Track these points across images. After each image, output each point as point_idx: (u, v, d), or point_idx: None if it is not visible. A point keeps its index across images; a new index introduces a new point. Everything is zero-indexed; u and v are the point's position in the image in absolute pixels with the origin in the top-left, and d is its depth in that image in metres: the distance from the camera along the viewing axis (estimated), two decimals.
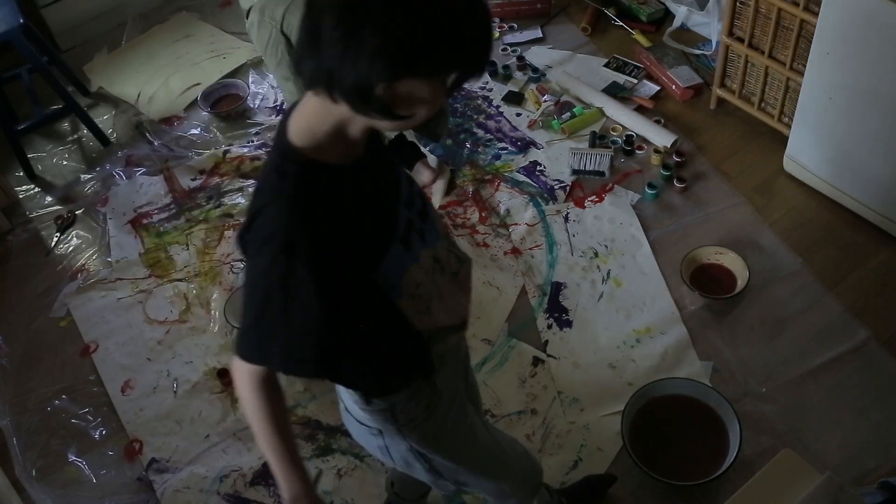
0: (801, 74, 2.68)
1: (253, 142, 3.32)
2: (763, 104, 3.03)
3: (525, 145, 3.17)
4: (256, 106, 3.48)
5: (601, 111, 3.23)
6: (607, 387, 2.46)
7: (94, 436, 2.54)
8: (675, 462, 2.24)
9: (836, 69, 2.51)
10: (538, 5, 3.68)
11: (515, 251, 2.83)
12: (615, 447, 2.32)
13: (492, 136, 3.22)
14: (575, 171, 3.03)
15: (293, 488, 1.41)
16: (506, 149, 3.16)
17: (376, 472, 2.34)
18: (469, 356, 1.81)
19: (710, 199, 2.92)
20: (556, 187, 3.01)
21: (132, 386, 2.63)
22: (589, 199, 2.96)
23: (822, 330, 2.53)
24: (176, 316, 2.79)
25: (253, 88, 3.55)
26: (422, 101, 1.14)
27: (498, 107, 3.32)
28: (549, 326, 2.62)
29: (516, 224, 2.91)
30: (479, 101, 3.35)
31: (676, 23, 3.55)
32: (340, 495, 2.32)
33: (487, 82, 3.43)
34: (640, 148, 3.10)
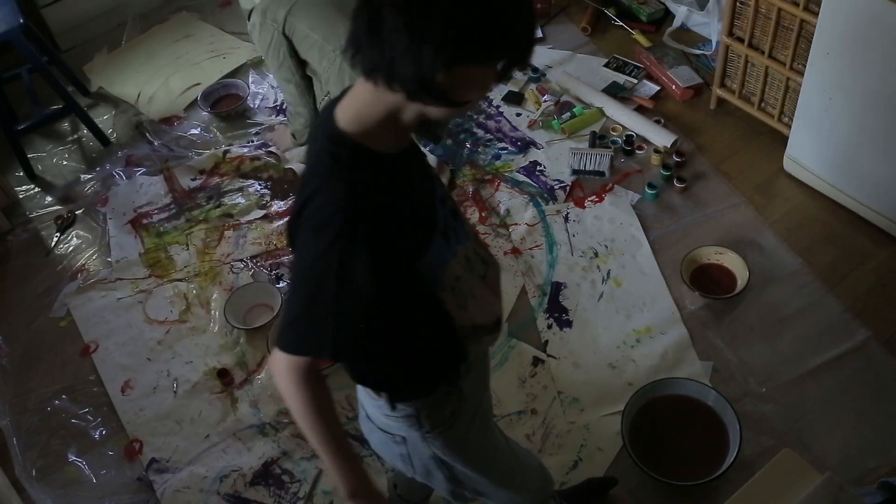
0: (801, 74, 2.68)
1: (253, 142, 3.32)
2: (763, 104, 3.03)
3: (525, 145, 3.17)
4: (256, 106, 3.48)
5: (601, 111, 3.23)
6: (607, 387, 2.46)
7: (94, 436, 2.54)
8: (675, 462, 2.24)
9: (836, 69, 2.51)
10: (538, 5, 3.68)
11: (515, 251, 2.83)
12: (615, 447, 2.32)
13: (492, 136, 3.22)
14: (575, 171, 3.03)
15: (351, 483, 1.38)
16: (506, 149, 3.16)
17: (376, 471, 2.34)
18: (489, 364, 1.79)
19: (710, 199, 2.92)
20: (556, 187, 3.01)
21: (132, 386, 2.63)
22: (589, 199, 2.96)
23: (822, 330, 2.53)
24: (176, 316, 2.79)
25: (253, 88, 3.55)
26: (477, 87, 1.16)
27: (498, 107, 3.32)
28: (549, 326, 2.62)
29: (516, 224, 2.91)
30: (479, 101, 3.35)
31: (676, 23, 3.55)
32: (340, 495, 2.31)
33: None
34: (640, 148, 3.10)
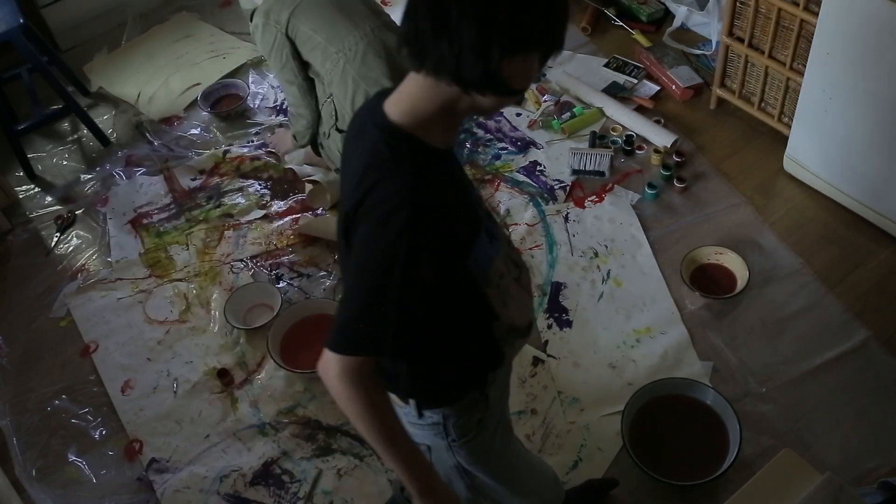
0: (801, 74, 2.68)
1: (253, 142, 3.32)
2: (763, 104, 3.03)
3: (525, 145, 3.17)
4: (256, 106, 3.48)
5: (601, 111, 3.23)
6: (607, 387, 2.46)
7: (94, 436, 2.54)
8: (675, 462, 2.24)
9: (836, 69, 2.51)
10: None
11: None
12: (615, 447, 2.32)
13: (492, 136, 3.22)
14: (575, 171, 3.03)
15: (420, 482, 1.33)
16: (506, 149, 3.16)
17: (376, 471, 2.34)
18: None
19: (710, 199, 2.92)
20: (556, 187, 3.01)
21: (132, 386, 2.63)
22: (589, 199, 2.96)
23: (822, 330, 2.53)
24: (176, 316, 2.79)
25: (253, 88, 3.55)
26: (528, 74, 1.17)
27: None
28: (549, 326, 2.62)
29: (516, 224, 2.91)
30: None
31: (676, 23, 3.55)
32: (340, 495, 2.31)
33: None
34: (640, 148, 3.10)
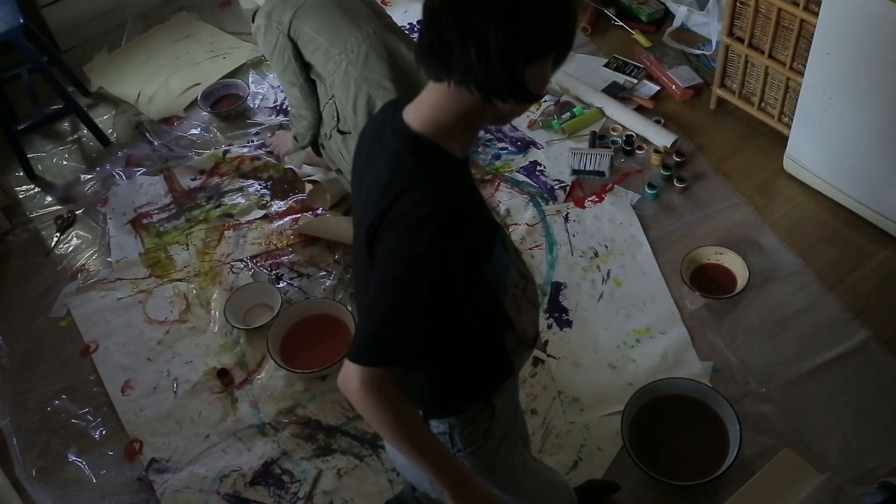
0: (801, 74, 2.68)
1: (253, 142, 3.32)
2: (763, 104, 3.03)
3: (525, 145, 3.17)
4: (256, 106, 3.48)
5: (601, 111, 3.23)
6: (607, 387, 2.46)
7: (94, 436, 2.53)
8: (675, 462, 2.24)
9: (836, 69, 2.51)
10: None
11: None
12: (615, 447, 2.32)
13: (491, 136, 3.22)
14: (575, 171, 3.03)
15: (455, 485, 1.32)
16: (506, 149, 3.16)
17: (376, 471, 2.34)
18: (519, 388, 1.77)
19: (710, 199, 2.92)
20: (556, 187, 3.01)
21: (132, 386, 2.63)
22: (589, 199, 2.96)
23: (822, 330, 2.53)
24: (176, 316, 2.79)
25: (253, 88, 3.55)
26: (546, 80, 1.18)
27: None
28: (550, 326, 2.62)
29: (516, 224, 2.91)
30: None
31: (676, 23, 3.55)
32: (340, 495, 2.31)
33: None
34: (640, 148, 3.10)
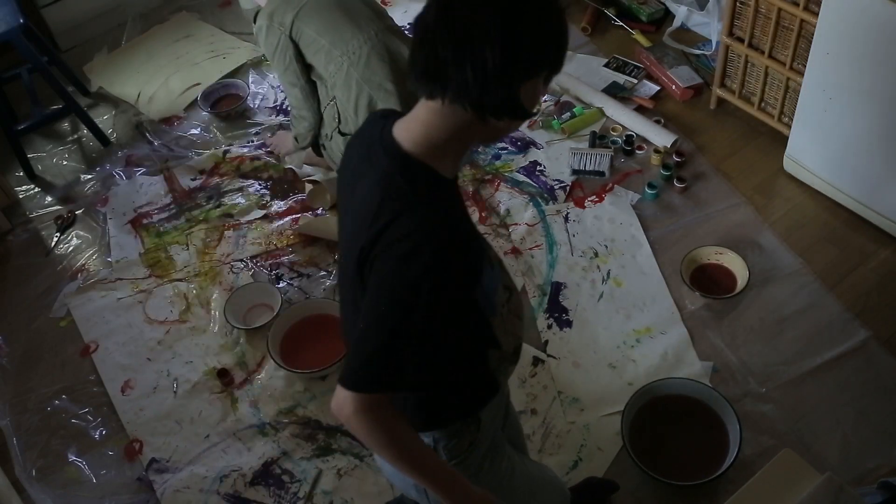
0: (801, 74, 2.68)
1: (253, 142, 3.32)
2: (763, 104, 3.03)
3: (525, 145, 3.17)
4: (256, 106, 3.48)
5: (601, 111, 3.23)
6: (607, 387, 2.46)
7: (94, 436, 2.54)
8: (675, 462, 2.24)
9: (836, 69, 2.51)
10: None
11: (515, 251, 2.83)
12: (615, 447, 2.32)
13: None
14: (575, 171, 3.03)
15: (460, 500, 1.33)
16: (506, 149, 3.16)
17: (376, 471, 2.34)
18: (510, 393, 1.77)
19: (710, 199, 2.92)
20: (556, 187, 3.00)
21: (132, 386, 2.63)
22: (589, 199, 2.96)
23: (822, 330, 2.53)
24: (176, 316, 2.79)
25: (253, 88, 3.55)
26: (538, 97, 1.18)
27: None
28: (549, 326, 2.62)
29: (516, 224, 2.91)
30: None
31: (676, 23, 3.55)
32: (340, 495, 2.31)
33: None
34: (640, 148, 3.10)
